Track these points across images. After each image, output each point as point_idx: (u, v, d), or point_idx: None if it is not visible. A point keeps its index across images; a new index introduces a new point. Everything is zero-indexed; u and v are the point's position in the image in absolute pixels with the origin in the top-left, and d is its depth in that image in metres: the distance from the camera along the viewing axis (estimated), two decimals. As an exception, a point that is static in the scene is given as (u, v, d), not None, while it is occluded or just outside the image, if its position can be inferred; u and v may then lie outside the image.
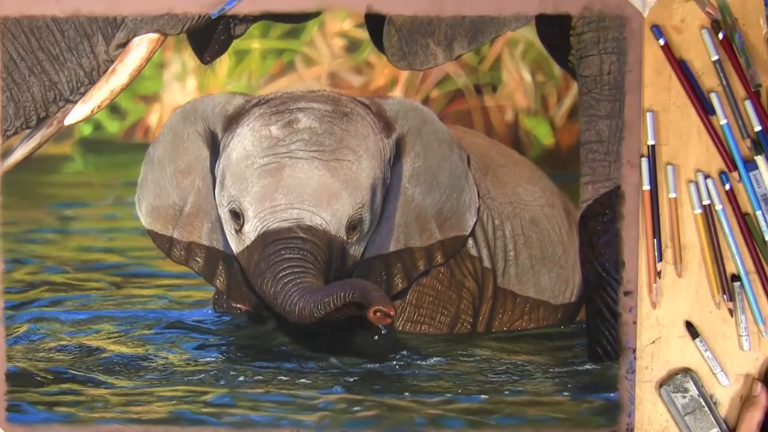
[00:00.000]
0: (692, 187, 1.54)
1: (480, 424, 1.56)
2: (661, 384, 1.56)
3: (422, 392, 1.56)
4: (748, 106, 1.53)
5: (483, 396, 1.56)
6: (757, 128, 1.52)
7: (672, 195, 1.55)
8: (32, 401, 1.57)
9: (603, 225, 1.55)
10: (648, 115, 1.54)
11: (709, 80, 1.54)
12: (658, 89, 1.54)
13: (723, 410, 1.55)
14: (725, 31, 1.52)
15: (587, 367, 1.58)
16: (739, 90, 1.53)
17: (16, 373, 1.58)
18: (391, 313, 1.48)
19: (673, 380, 1.55)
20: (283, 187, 1.54)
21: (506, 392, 1.56)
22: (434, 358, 1.58)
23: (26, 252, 1.59)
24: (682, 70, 1.53)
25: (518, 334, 1.62)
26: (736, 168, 1.53)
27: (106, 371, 1.58)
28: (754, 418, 1.44)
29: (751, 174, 1.53)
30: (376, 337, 1.57)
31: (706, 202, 1.54)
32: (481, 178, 1.62)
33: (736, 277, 1.54)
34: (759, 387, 1.46)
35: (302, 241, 1.53)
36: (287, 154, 1.54)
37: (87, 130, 1.59)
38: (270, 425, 1.56)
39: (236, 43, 1.57)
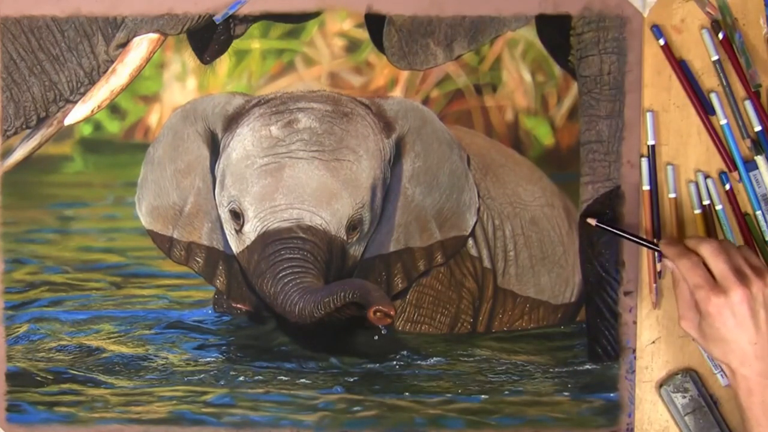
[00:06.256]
0: (692, 187, 1.55)
1: (480, 424, 1.56)
2: (661, 384, 1.56)
3: (422, 392, 1.56)
4: (748, 106, 1.53)
5: (483, 396, 1.56)
6: (757, 128, 1.53)
7: (672, 195, 1.55)
8: (32, 401, 1.57)
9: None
10: (648, 115, 1.54)
11: (709, 80, 1.54)
12: (658, 89, 1.54)
13: (723, 410, 1.55)
14: (725, 31, 1.52)
15: (587, 367, 1.58)
16: (739, 90, 1.53)
17: (16, 373, 1.58)
18: (391, 313, 1.48)
19: (673, 380, 1.55)
20: (283, 187, 1.54)
21: (506, 392, 1.56)
22: (434, 358, 1.58)
23: (26, 252, 1.59)
24: (682, 70, 1.53)
25: (518, 334, 1.62)
26: (736, 168, 1.53)
27: (106, 371, 1.58)
28: (684, 291, 1.42)
29: (751, 174, 1.53)
30: (376, 337, 1.57)
31: (706, 202, 1.54)
32: (481, 178, 1.62)
33: (736, 277, 1.54)
34: (670, 264, 1.44)
35: (302, 241, 1.53)
36: (287, 154, 1.55)
37: (87, 130, 1.59)
38: (270, 425, 1.56)
39: (236, 43, 1.57)
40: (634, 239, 1.50)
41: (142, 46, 1.54)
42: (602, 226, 1.51)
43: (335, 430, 1.56)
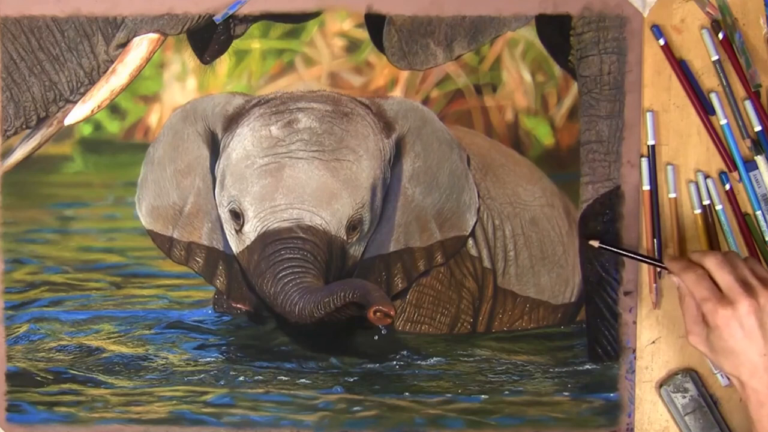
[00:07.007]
0: (692, 187, 1.55)
1: (480, 424, 1.56)
2: (661, 384, 1.56)
3: (422, 392, 1.56)
4: (748, 106, 1.53)
5: (483, 396, 1.56)
6: (757, 128, 1.53)
7: (672, 195, 1.55)
8: (32, 401, 1.57)
9: (603, 225, 1.55)
10: (648, 115, 1.54)
11: (709, 80, 1.54)
12: (658, 89, 1.54)
13: (723, 410, 1.55)
14: (725, 31, 1.52)
15: (587, 367, 1.58)
16: (739, 90, 1.53)
17: (16, 373, 1.58)
18: (391, 313, 1.48)
19: (673, 380, 1.55)
20: (283, 187, 1.54)
21: (506, 392, 1.56)
22: (434, 358, 1.58)
23: (26, 252, 1.59)
24: (682, 70, 1.53)
25: (518, 334, 1.62)
26: (736, 168, 1.53)
27: (106, 371, 1.58)
28: (690, 306, 1.41)
29: (751, 174, 1.53)
30: (376, 337, 1.57)
31: (706, 202, 1.54)
32: (481, 178, 1.62)
33: (736, 277, 1.54)
34: (675, 279, 1.43)
35: (302, 241, 1.53)
36: (287, 154, 1.55)
37: (87, 130, 1.59)
38: (270, 425, 1.56)
39: (236, 43, 1.57)
40: (638, 258, 1.50)
41: (142, 46, 1.54)
42: (605, 247, 1.51)
43: (335, 430, 1.56)
